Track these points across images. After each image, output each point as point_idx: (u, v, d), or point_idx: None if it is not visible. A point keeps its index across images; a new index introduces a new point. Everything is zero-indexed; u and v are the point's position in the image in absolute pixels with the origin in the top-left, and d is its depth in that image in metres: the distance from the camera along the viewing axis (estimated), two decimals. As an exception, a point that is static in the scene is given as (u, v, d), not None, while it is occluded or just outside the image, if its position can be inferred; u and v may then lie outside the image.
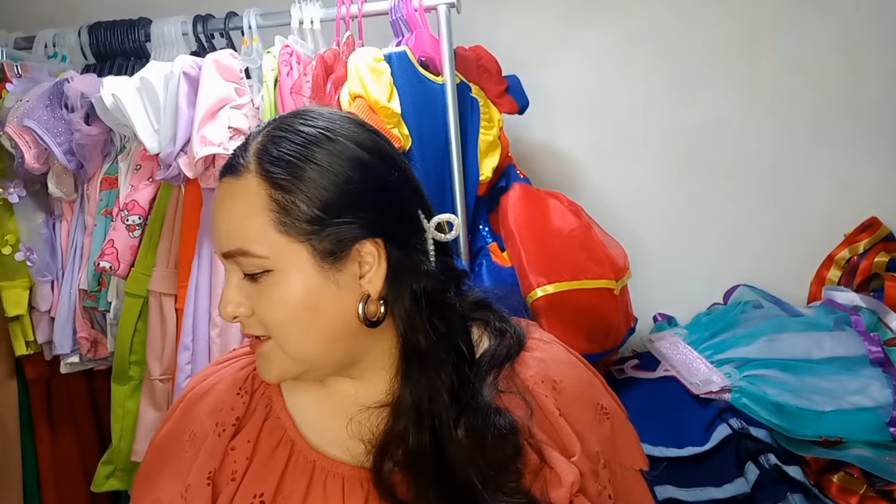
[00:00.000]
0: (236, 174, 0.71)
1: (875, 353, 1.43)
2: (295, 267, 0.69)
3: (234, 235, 0.70)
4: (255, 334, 0.72)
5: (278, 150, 0.70)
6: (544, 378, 0.76)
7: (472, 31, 1.66)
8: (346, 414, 0.76)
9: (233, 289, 0.72)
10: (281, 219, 0.69)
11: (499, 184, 1.48)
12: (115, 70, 1.50)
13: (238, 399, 0.78)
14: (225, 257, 0.72)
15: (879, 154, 1.80)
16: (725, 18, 1.79)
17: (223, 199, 0.72)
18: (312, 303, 0.70)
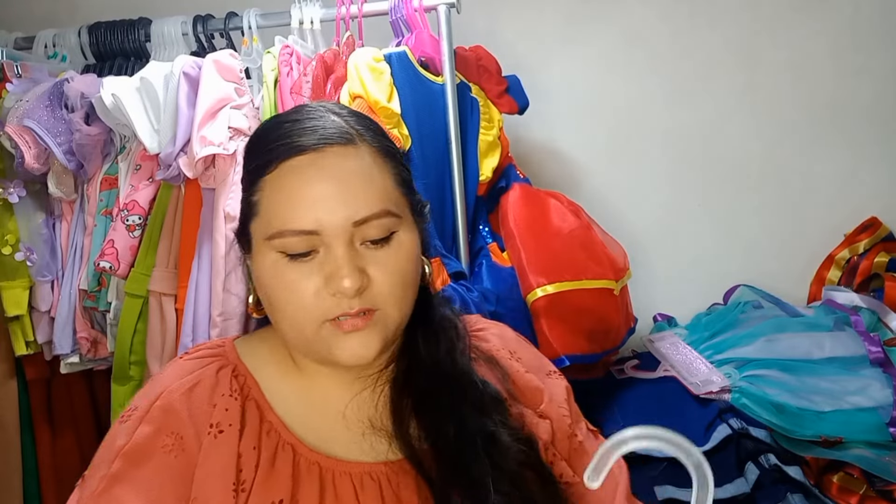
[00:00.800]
0: (343, 143, 0.72)
1: (875, 354, 1.43)
2: (410, 226, 0.75)
3: (375, 197, 0.71)
4: (366, 307, 0.70)
5: (371, 123, 0.76)
6: (504, 348, 0.85)
7: (472, 31, 1.66)
8: (334, 408, 0.76)
9: (348, 261, 0.69)
10: (400, 176, 0.75)
11: (499, 184, 1.48)
12: (115, 70, 1.50)
13: (231, 401, 0.74)
14: (358, 224, 0.69)
15: (879, 154, 1.80)
16: (725, 18, 1.79)
17: (340, 165, 0.71)
18: (418, 258, 0.75)
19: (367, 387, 0.78)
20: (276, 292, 0.72)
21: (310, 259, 0.70)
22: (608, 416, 1.43)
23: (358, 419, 0.76)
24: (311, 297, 0.69)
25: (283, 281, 0.71)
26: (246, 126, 1.30)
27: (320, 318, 0.70)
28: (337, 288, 0.68)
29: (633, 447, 0.41)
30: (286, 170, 0.71)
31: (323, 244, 0.70)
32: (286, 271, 0.71)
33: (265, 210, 0.72)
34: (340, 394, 0.77)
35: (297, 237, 0.69)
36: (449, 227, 1.37)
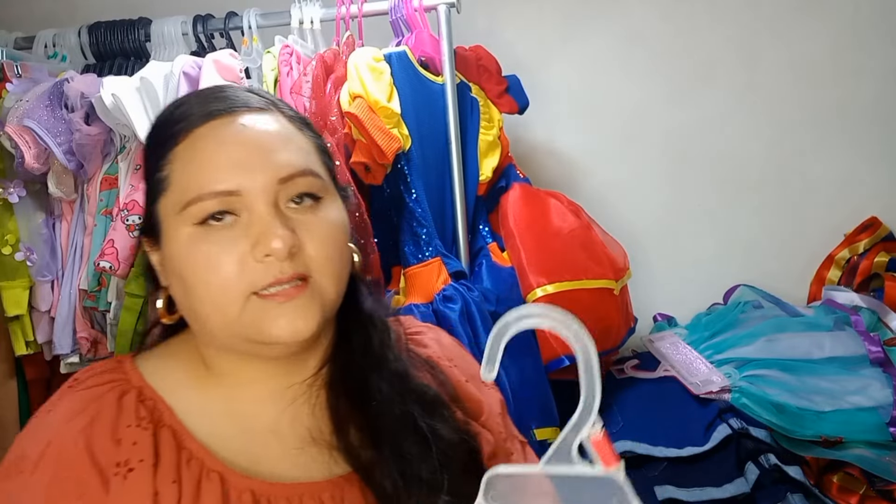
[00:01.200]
0: (258, 109, 0.68)
1: (875, 353, 1.43)
2: (336, 200, 0.70)
3: (298, 156, 0.66)
4: (300, 272, 0.63)
5: (282, 102, 0.72)
6: (443, 355, 0.79)
7: (472, 31, 1.66)
8: (265, 423, 0.68)
9: (278, 219, 0.62)
10: (322, 148, 0.71)
11: (499, 184, 1.48)
12: (115, 70, 1.50)
13: (140, 432, 0.63)
14: (283, 181, 0.64)
15: (879, 154, 1.80)
16: (725, 18, 1.79)
17: (258, 125, 0.66)
18: (347, 233, 0.70)
19: (301, 395, 0.69)
20: (192, 272, 0.63)
21: (231, 226, 0.63)
22: (608, 416, 1.42)
23: (294, 433, 0.68)
24: (234, 267, 0.62)
25: (200, 255, 0.63)
26: (246, 126, 1.30)
27: (246, 290, 0.62)
28: (266, 248, 0.61)
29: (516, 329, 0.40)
30: (198, 136, 0.65)
31: (245, 207, 0.63)
32: (203, 244, 0.63)
33: (177, 180, 0.65)
34: (271, 406, 0.69)
35: (215, 200, 0.62)
36: (449, 227, 1.37)
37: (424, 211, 1.31)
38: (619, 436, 1.37)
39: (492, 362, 0.42)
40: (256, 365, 0.68)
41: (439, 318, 1.26)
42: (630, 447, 1.34)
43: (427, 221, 1.31)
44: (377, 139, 1.21)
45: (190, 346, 0.70)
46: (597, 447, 0.40)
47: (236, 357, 0.67)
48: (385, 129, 1.22)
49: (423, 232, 1.31)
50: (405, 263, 1.33)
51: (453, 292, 1.28)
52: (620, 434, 1.37)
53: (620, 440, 1.35)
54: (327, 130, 1.26)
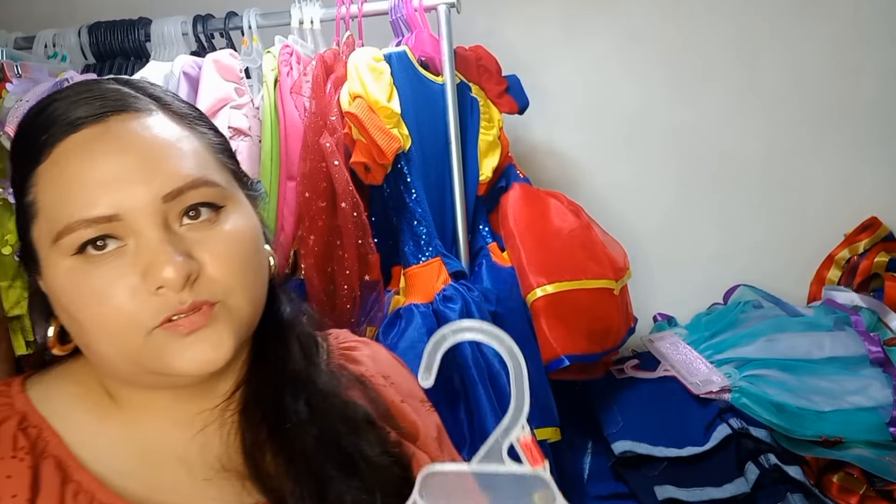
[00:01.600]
0: (133, 110, 0.58)
1: (875, 353, 1.43)
2: (240, 198, 0.62)
3: (187, 164, 0.57)
4: (202, 300, 0.56)
5: (167, 91, 0.63)
6: (378, 372, 0.73)
7: (472, 31, 1.66)
8: (172, 453, 0.61)
9: (167, 245, 0.55)
10: (221, 145, 0.63)
11: (499, 184, 1.48)
12: (115, 70, 1.50)
13: (16, 464, 0.56)
14: (169, 198, 0.56)
15: (879, 154, 1.80)
16: (725, 18, 1.79)
17: (134, 132, 0.57)
18: (259, 239, 0.62)
19: (213, 421, 0.62)
20: (82, 308, 0.55)
21: (117, 255, 0.55)
22: (608, 416, 1.42)
23: (203, 462, 0.61)
24: (126, 302, 0.54)
25: (87, 291, 0.55)
26: (246, 126, 1.30)
27: (146, 324, 0.55)
28: (157, 280, 0.54)
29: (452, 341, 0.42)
30: (63, 152, 0.56)
31: (130, 233, 0.55)
32: (89, 277, 0.55)
33: (45, 207, 0.56)
34: (179, 434, 0.62)
35: (91, 228, 0.54)
36: (449, 227, 1.37)
37: (424, 211, 1.31)
38: (620, 436, 1.37)
39: (429, 370, 0.43)
40: (162, 393, 0.61)
41: (439, 318, 1.26)
42: (630, 447, 1.34)
43: (427, 221, 1.31)
44: (377, 139, 1.21)
45: (87, 370, 0.63)
46: (524, 449, 0.43)
47: (140, 387, 0.61)
48: (385, 129, 1.22)
49: (423, 232, 1.31)
50: (405, 263, 1.33)
51: (453, 292, 1.28)
52: (620, 434, 1.37)
53: (620, 440, 1.35)
54: (327, 130, 1.26)
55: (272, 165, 1.29)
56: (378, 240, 1.31)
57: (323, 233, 1.27)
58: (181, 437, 0.62)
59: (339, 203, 1.25)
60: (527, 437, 0.43)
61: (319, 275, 1.28)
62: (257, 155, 1.30)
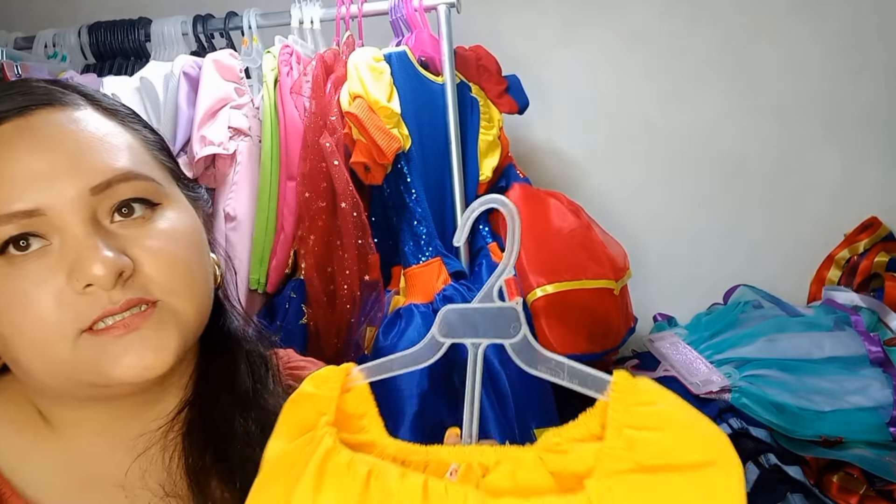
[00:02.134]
0: (59, 104, 0.55)
1: (875, 353, 1.43)
2: (178, 196, 0.59)
3: (117, 156, 0.54)
4: (139, 297, 0.52)
5: (98, 92, 0.60)
6: None
7: (472, 31, 1.66)
8: (111, 478, 0.58)
9: (95, 239, 0.51)
10: (156, 142, 0.60)
11: (499, 184, 1.48)
12: (115, 70, 1.50)
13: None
14: (97, 191, 0.52)
15: (879, 154, 1.80)
16: (725, 18, 1.79)
17: (59, 126, 0.53)
18: (201, 240, 0.58)
19: (155, 443, 0.58)
20: (2, 316, 0.51)
21: (40, 255, 0.51)
22: (608, 416, 1.42)
23: (145, 487, 0.57)
24: (51, 304, 0.50)
25: (8, 296, 0.50)
26: (246, 126, 1.30)
27: (72, 328, 0.50)
28: (85, 277, 0.49)
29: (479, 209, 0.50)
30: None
31: (54, 230, 0.51)
32: (10, 281, 0.50)
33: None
34: (119, 458, 0.58)
35: (11, 224, 0.50)
36: (449, 227, 1.37)
37: (424, 211, 1.31)
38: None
39: (461, 231, 0.52)
40: (99, 411, 0.57)
41: (439, 318, 1.26)
42: (630, 447, 1.34)
43: (427, 221, 1.31)
44: (377, 139, 1.21)
45: (18, 389, 0.58)
46: (507, 284, 0.52)
47: (75, 404, 0.56)
48: (385, 129, 1.22)
49: (423, 232, 1.31)
50: (405, 263, 1.33)
51: (453, 292, 1.28)
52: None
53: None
54: (327, 130, 1.26)
55: (272, 165, 1.29)
56: (378, 240, 1.31)
57: (323, 233, 1.27)
58: (121, 462, 0.58)
59: (339, 203, 1.25)
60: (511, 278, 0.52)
61: (319, 275, 1.28)
62: (257, 155, 1.30)
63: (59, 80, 0.60)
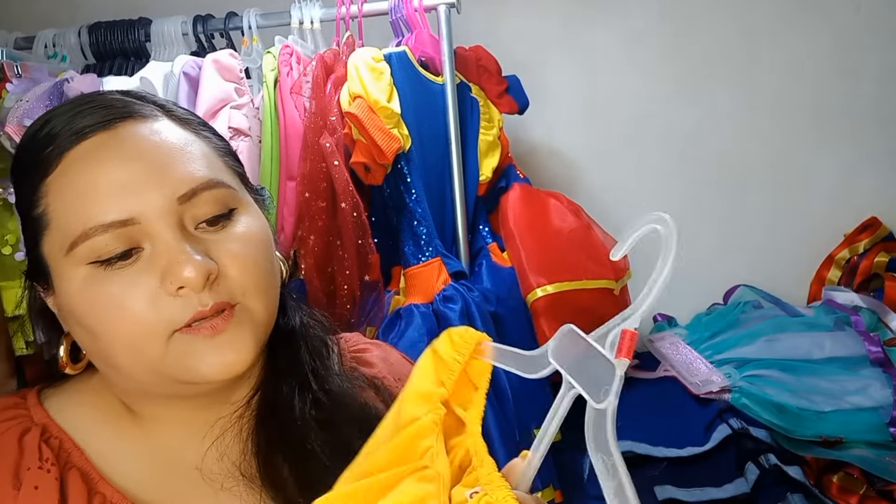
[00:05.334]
0: (139, 117, 0.58)
1: (875, 353, 1.43)
2: (249, 200, 0.61)
3: (199, 165, 0.57)
4: (223, 301, 0.55)
5: (169, 101, 0.63)
6: (390, 374, 0.72)
7: (472, 31, 1.66)
8: (190, 463, 0.61)
9: (186, 245, 0.54)
10: (227, 150, 0.63)
11: (499, 184, 1.48)
12: (115, 70, 1.50)
13: (43, 475, 0.55)
14: (184, 200, 0.55)
15: (879, 154, 1.80)
16: (725, 18, 1.79)
17: (142, 137, 0.56)
18: (271, 242, 0.62)
19: (230, 428, 0.62)
20: (96, 319, 0.55)
21: (133, 261, 0.54)
22: (608, 416, 1.42)
23: (221, 470, 0.60)
24: (145, 306, 0.53)
25: (101, 299, 0.54)
26: (246, 126, 1.30)
27: (167, 328, 0.54)
28: (178, 280, 0.53)
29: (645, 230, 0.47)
30: (72, 161, 0.55)
31: (146, 237, 0.55)
32: (105, 285, 0.54)
33: (57, 217, 0.56)
34: (196, 443, 0.61)
35: (108, 234, 0.53)
36: (449, 227, 1.37)
37: (424, 211, 1.31)
38: (620, 436, 1.35)
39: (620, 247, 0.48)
40: (179, 403, 0.61)
41: (439, 318, 1.26)
42: (630, 447, 1.34)
43: (427, 221, 1.31)
44: (377, 139, 1.21)
45: (100, 384, 0.63)
46: (623, 336, 0.47)
47: (159, 400, 0.60)
48: (385, 129, 1.22)
49: (423, 232, 1.31)
50: (405, 263, 1.33)
51: (453, 292, 1.28)
52: (620, 434, 1.35)
53: (620, 440, 1.35)
54: (327, 130, 1.26)
55: (272, 165, 1.29)
56: (378, 240, 1.31)
57: (323, 233, 1.27)
58: (198, 447, 0.61)
59: (339, 203, 1.25)
60: (633, 332, 0.47)
61: (319, 275, 1.28)
62: (257, 155, 1.30)
63: (132, 91, 0.63)
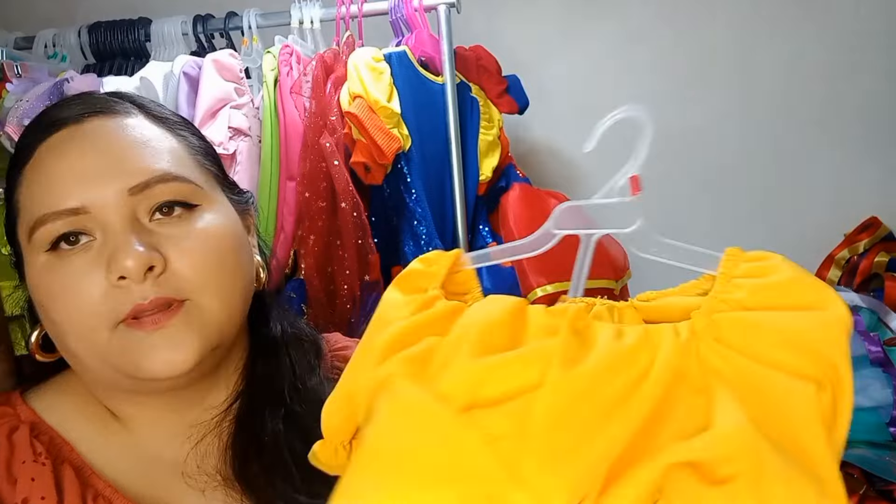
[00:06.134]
0: (112, 113, 0.59)
1: (875, 353, 1.43)
2: (219, 199, 0.62)
3: (156, 160, 0.58)
4: (166, 296, 0.55)
5: (153, 103, 0.64)
6: None
7: (472, 31, 1.66)
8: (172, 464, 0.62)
9: (129, 235, 0.54)
10: (202, 149, 0.63)
11: (499, 184, 1.48)
12: (115, 70, 1.50)
13: (38, 468, 0.56)
14: (136, 191, 0.56)
15: (879, 154, 1.80)
16: (724, 18, 1.79)
17: (108, 132, 0.58)
18: (239, 243, 0.61)
19: (210, 432, 0.62)
20: (51, 304, 0.56)
21: (85, 249, 0.56)
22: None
23: (202, 473, 0.61)
24: (94, 295, 0.54)
25: (56, 286, 0.56)
26: (246, 126, 1.30)
27: (109, 319, 0.54)
28: (117, 269, 0.53)
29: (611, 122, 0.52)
30: (42, 152, 0.58)
31: (97, 226, 0.56)
32: (58, 273, 0.55)
33: (25, 204, 0.58)
34: (177, 445, 0.62)
35: (60, 221, 0.55)
36: (449, 227, 1.37)
37: (424, 211, 1.31)
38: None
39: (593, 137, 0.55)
40: (152, 401, 0.61)
41: (439, 318, 1.26)
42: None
43: (427, 221, 1.31)
44: (377, 139, 1.21)
45: (80, 383, 0.63)
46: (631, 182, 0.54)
47: (127, 395, 0.60)
48: (385, 129, 1.22)
49: (423, 232, 1.31)
50: (405, 263, 1.32)
51: (453, 292, 1.28)
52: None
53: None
54: (327, 130, 1.26)
55: (272, 165, 1.29)
56: (378, 240, 1.31)
57: (323, 233, 1.27)
58: (180, 450, 0.62)
59: (339, 203, 1.25)
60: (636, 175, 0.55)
61: (319, 275, 1.28)
62: (257, 155, 1.30)
63: (117, 92, 0.65)
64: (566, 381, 0.43)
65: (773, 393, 0.41)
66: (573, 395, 0.42)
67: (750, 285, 0.45)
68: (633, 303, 0.53)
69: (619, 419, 0.41)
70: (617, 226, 0.54)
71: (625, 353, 0.44)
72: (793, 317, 0.42)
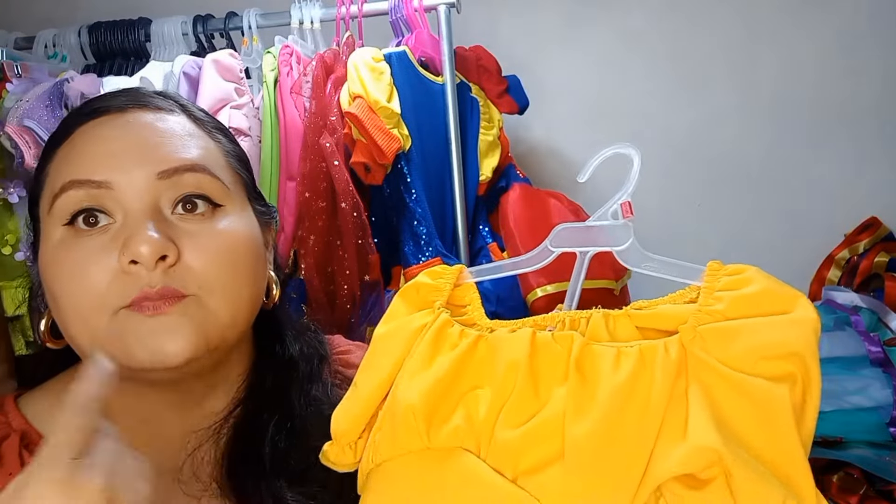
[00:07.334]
0: (156, 108, 0.60)
1: (875, 353, 1.43)
2: (244, 206, 0.62)
3: (188, 151, 0.58)
4: (173, 287, 0.54)
5: (194, 106, 0.65)
6: None
7: (472, 31, 1.66)
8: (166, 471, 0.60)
9: (149, 222, 0.54)
10: (236, 155, 0.64)
11: (499, 184, 1.48)
12: (115, 70, 1.50)
13: None
14: (163, 176, 0.56)
15: (879, 154, 1.80)
16: (725, 18, 1.79)
17: (146, 122, 0.59)
18: (255, 252, 0.61)
19: (207, 440, 0.61)
20: (58, 282, 0.55)
21: (103, 231, 0.55)
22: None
23: (198, 481, 0.60)
24: (102, 278, 0.54)
25: (67, 264, 0.55)
26: (246, 126, 1.30)
27: (113, 303, 0.54)
28: (130, 253, 0.53)
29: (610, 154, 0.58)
30: (80, 133, 0.59)
31: (118, 207, 0.56)
32: (72, 251, 0.55)
33: (51, 177, 0.58)
34: (173, 452, 0.61)
35: (82, 190, 0.55)
36: (449, 227, 1.37)
37: (424, 211, 1.31)
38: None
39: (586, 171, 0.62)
40: (150, 400, 0.60)
41: (439, 318, 1.26)
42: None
43: (427, 221, 1.31)
44: (377, 139, 1.21)
45: None
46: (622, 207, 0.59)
47: (125, 389, 0.57)
48: (385, 129, 1.22)
49: (423, 232, 1.31)
50: (405, 263, 1.33)
51: (453, 292, 1.28)
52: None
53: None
54: (327, 130, 1.26)
55: (272, 165, 1.29)
56: (378, 240, 1.31)
57: (323, 233, 1.27)
58: (176, 457, 0.61)
59: (339, 203, 1.25)
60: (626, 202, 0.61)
61: (319, 275, 1.28)
62: (257, 155, 1.30)
63: (163, 91, 0.67)
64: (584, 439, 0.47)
65: (754, 397, 0.46)
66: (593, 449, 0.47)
67: (729, 297, 0.51)
68: (628, 311, 0.56)
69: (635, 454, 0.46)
70: (611, 244, 0.58)
71: (626, 388, 0.48)
72: (768, 322, 0.49)
